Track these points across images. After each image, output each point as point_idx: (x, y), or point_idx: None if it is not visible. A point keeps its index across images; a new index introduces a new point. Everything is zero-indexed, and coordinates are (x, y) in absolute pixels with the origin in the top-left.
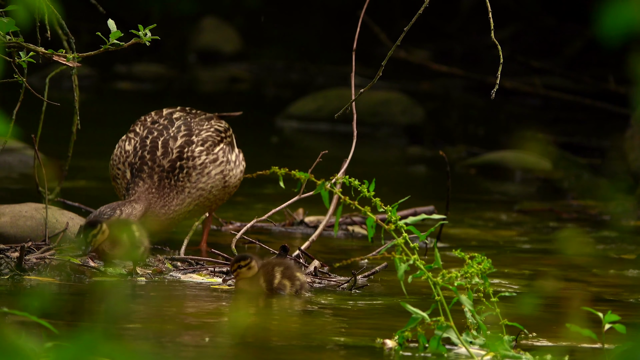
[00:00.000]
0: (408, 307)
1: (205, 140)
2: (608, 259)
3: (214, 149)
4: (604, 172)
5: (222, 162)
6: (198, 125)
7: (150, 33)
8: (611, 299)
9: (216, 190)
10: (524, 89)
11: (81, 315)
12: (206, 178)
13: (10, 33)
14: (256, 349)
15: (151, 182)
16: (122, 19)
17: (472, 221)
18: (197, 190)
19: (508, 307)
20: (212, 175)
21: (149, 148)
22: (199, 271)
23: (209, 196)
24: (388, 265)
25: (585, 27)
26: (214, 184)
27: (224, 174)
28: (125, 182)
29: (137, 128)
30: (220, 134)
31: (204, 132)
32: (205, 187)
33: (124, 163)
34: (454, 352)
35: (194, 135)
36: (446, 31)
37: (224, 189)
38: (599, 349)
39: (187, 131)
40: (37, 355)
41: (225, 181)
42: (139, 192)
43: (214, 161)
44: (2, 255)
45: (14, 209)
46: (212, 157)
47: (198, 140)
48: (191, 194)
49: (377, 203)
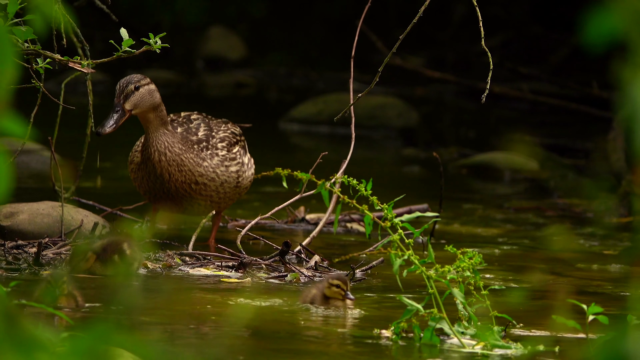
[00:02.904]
0: (403, 299)
1: (223, 139)
2: (592, 254)
3: (232, 148)
4: (588, 172)
5: (238, 162)
6: (216, 126)
7: (160, 41)
8: (594, 292)
9: (229, 187)
10: (512, 93)
11: (95, 307)
12: (223, 169)
13: (29, 41)
14: (260, 338)
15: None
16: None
17: (464, 218)
18: (212, 173)
19: (497, 299)
20: (230, 170)
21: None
22: (206, 265)
23: (219, 189)
24: (384, 260)
25: (570, 36)
26: (228, 178)
27: (239, 173)
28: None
29: None
30: (236, 136)
31: (222, 132)
32: (219, 174)
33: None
34: (446, 341)
35: (214, 132)
36: (439, 39)
37: (236, 188)
38: (583, 339)
39: (207, 128)
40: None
41: (239, 181)
42: None
43: (232, 159)
44: (21, 251)
45: (32, 207)
46: (232, 155)
47: (218, 137)
48: (207, 173)
49: (374, 201)
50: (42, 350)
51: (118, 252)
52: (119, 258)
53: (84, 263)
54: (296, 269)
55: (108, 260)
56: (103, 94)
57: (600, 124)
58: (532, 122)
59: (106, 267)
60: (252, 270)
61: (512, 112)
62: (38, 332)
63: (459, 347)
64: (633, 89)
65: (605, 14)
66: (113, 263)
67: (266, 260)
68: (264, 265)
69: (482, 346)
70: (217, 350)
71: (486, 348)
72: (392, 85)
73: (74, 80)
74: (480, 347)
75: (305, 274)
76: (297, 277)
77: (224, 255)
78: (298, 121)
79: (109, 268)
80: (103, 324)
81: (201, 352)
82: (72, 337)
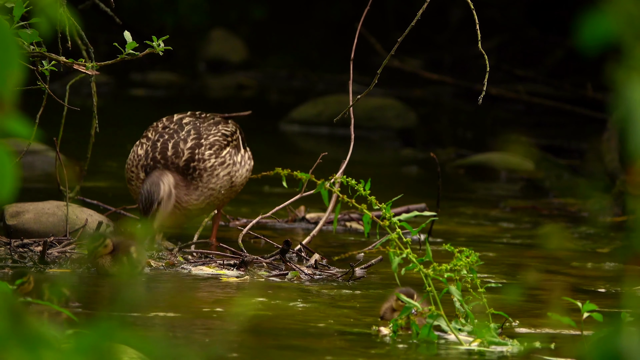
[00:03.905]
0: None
1: (212, 144)
2: (586, 253)
3: (221, 152)
4: (582, 172)
5: (228, 165)
6: (206, 130)
7: (163, 44)
8: (589, 290)
9: (224, 190)
10: (508, 95)
11: (99, 305)
12: (215, 179)
13: (34, 43)
14: (261, 334)
15: (170, 173)
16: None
17: (461, 218)
18: (208, 190)
19: (494, 297)
20: (221, 176)
21: (159, 149)
22: (208, 264)
23: (218, 195)
24: (383, 259)
25: (566, 38)
26: (222, 184)
27: (231, 175)
28: (140, 182)
29: (149, 134)
30: (227, 137)
31: (212, 137)
32: (215, 187)
33: (137, 166)
34: (444, 338)
35: (202, 139)
36: (437, 42)
37: (231, 188)
38: (578, 336)
39: (196, 135)
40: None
41: (232, 182)
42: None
43: (222, 164)
44: (27, 249)
45: (37, 206)
46: (220, 160)
47: (206, 144)
48: (203, 193)
49: (373, 201)
50: (48, 347)
51: (126, 253)
52: (127, 259)
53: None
54: (296, 267)
55: (117, 259)
56: (107, 95)
57: (594, 125)
58: (528, 123)
59: (114, 265)
60: (254, 269)
61: (508, 114)
62: (43, 329)
63: (456, 343)
64: (627, 90)
65: (600, 17)
66: (120, 262)
67: (267, 258)
68: (265, 263)
69: (479, 343)
70: (219, 346)
71: (483, 345)
72: (391, 87)
73: (79, 82)
74: (477, 344)
75: (306, 272)
76: (297, 275)
77: (226, 254)
78: (298, 122)
79: (116, 267)
80: (106, 321)
81: (204, 348)
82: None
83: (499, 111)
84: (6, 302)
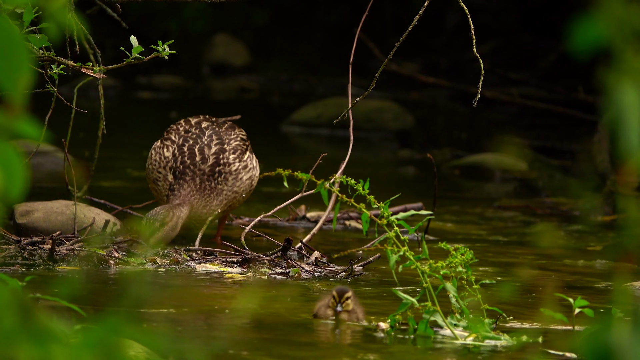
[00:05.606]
0: (399, 293)
1: (235, 149)
2: (578, 251)
3: (243, 156)
4: (574, 173)
5: (250, 169)
6: (227, 135)
7: (168, 48)
8: (580, 286)
9: (245, 193)
10: (502, 98)
11: (107, 301)
12: (240, 182)
13: (43, 48)
14: (263, 329)
15: (193, 185)
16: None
17: (456, 217)
18: (232, 193)
19: (488, 293)
20: (244, 180)
21: (187, 154)
22: (212, 261)
23: (240, 198)
24: (381, 256)
25: (558, 43)
26: (244, 187)
27: (252, 179)
28: (167, 184)
29: (172, 136)
30: (245, 142)
31: (233, 142)
32: (238, 190)
33: (165, 167)
34: (440, 333)
35: (225, 144)
36: (433, 46)
37: (250, 188)
38: (570, 331)
39: (218, 140)
40: (67, 336)
41: (252, 184)
42: (183, 196)
43: (245, 168)
44: (36, 247)
45: (46, 205)
46: (243, 164)
47: (229, 149)
48: (227, 196)
49: (371, 200)
50: (56, 342)
51: None
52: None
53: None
54: (297, 264)
55: None
56: (113, 98)
57: (586, 126)
58: (521, 124)
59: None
60: (256, 266)
61: (502, 116)
62: (52, 324)
63: (452, 338)
64: (617, 93)
65: (591, 23)
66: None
67: (269, 256)
68: (266, 261)
69: (474, 338)
70: (223, 341)
71: (478, 339)
72: (389, 89)
73: (86, 85)
74: (472, 339)
75: (306, 269)
76: (298, 272)
77: (229, 252)
78: (299, 124)
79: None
80: (114, 317)
81: (208, 343)
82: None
83: (493, 113)
84: (16, 298)
